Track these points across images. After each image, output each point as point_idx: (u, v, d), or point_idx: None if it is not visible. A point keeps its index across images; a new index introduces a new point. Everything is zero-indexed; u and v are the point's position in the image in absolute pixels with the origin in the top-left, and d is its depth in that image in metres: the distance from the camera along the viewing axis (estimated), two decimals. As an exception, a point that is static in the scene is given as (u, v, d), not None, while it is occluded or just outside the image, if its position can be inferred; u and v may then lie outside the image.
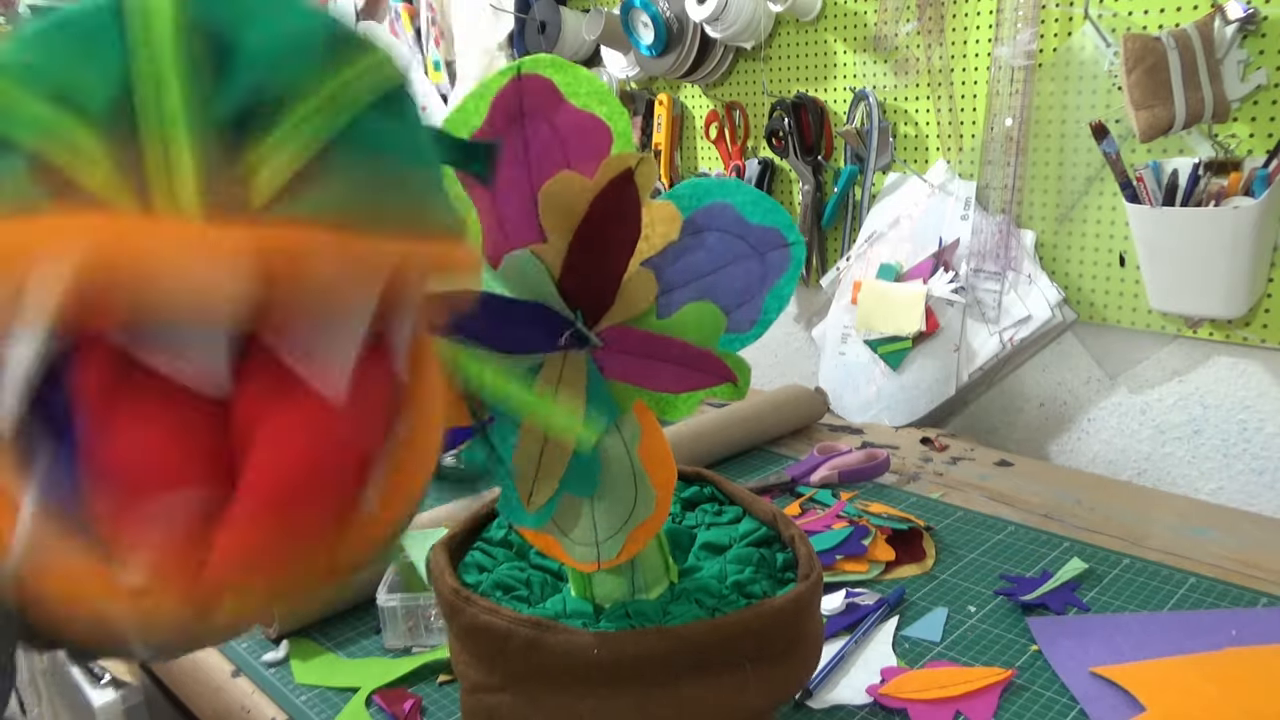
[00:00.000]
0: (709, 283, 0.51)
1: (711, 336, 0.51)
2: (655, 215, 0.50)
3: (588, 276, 0.50)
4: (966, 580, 0.85)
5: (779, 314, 0.52)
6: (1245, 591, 0.80)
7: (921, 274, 1.24)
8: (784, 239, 0.51)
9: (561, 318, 0.50)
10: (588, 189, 0.48)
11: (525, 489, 0.51)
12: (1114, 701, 0.67)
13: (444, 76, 1.89)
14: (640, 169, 0.47)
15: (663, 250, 0.50)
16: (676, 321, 0.51)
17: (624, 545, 0.52)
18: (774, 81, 1.39)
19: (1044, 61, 1.11)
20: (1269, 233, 0.95)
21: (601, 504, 0.52)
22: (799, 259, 0.51)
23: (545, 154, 0.48)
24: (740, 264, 0.51)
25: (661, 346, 0.51)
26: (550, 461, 0.51)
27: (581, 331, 0.50)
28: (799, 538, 0.59)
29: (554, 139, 0.48)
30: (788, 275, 0.51)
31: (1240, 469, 1.06)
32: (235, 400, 0.23)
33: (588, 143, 0.48)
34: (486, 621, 0.52)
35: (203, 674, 0.79)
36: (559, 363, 0.51)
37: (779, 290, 0.51)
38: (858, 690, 0.70)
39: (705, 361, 0.51)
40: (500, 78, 0.47)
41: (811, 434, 1.25)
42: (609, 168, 0.47)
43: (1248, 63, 0.94)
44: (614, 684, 0.51)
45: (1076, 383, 1.18)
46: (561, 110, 0.48)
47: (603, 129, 0.48)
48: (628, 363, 0.51)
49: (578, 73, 0.48)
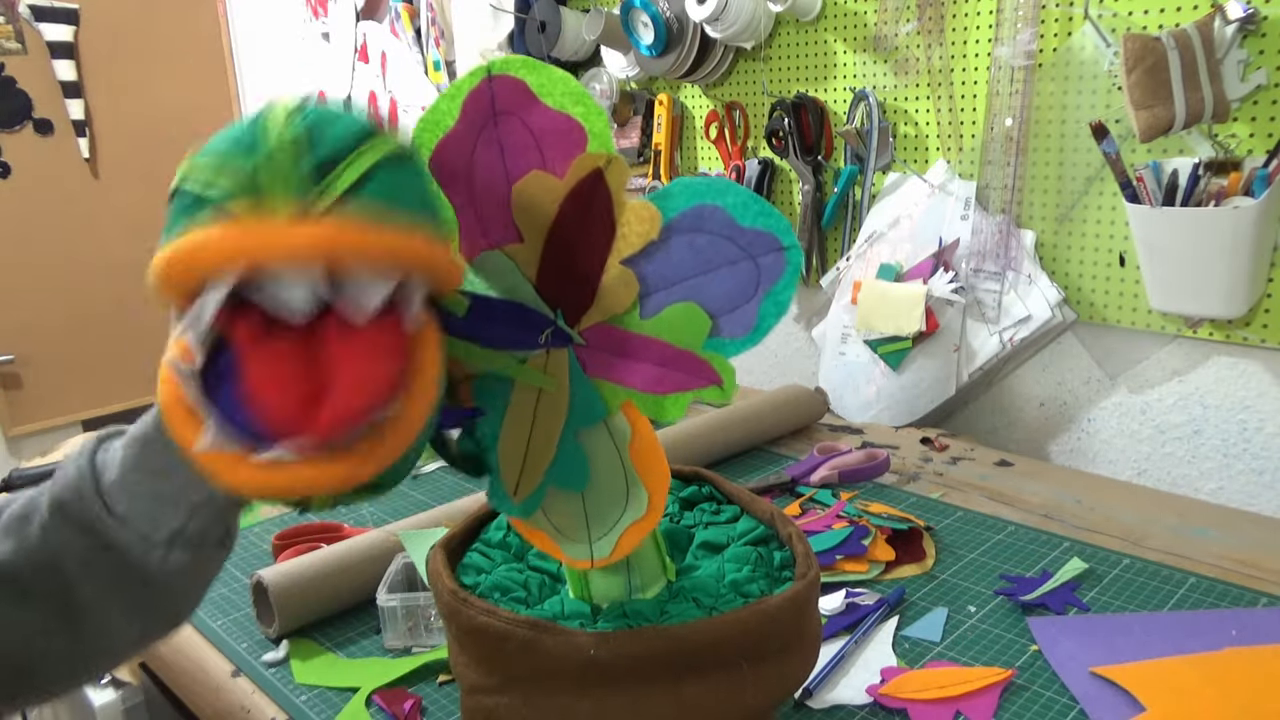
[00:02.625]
0: (696, 285, 0.50)
1: (694, 338, 0.50)
2: (633, 214, 0.49)
3: (564, 275, 0.50)
4: (966, 580, 0.85)
5: (778, 319, 0.50)
6: (1245, 591, 0.80)
7: (921, 274, 1.24)
8: (779, 243, 0.49)
9: (542, 316, 0.50)
10: (558, 188, 0.48)
11: (511, 479, 0.52)
12: (1114, 701, 0.67)
13: (444, 77, 1.89)
14: (610, 168, 0.47)
15: (645, 250, 0.50)
16: (659, 322, 0.51)
17: (616, 544, 0.52)
18: (774, 81, 1.39)
19: (1044, 61, 1.11)
20: (1269, 233, 0.95)
21: (593, 502, 0.52)
22: (796, 264, 0.49)
23: (520, 154, 0.48)
24: (731, 267, 0.50)
25: (642, 347, 0.51)
26: (536, 452, 0.51)
27: (562, 329, 0.50)
28: (796, 536, 0.59)
29: (529, 139, 0.48)
30: (784, 280, 0.50)
31: (1240, 469, 1.06)
32: (320, 341, 0.39)
33: (563, 143, 0.48)
34: (484, 623, 0.52)
35: (203, 674, 0.79)
36: (542, 360, 0.51)
37: (775, 295, 0.50)
38: (858, 690, 0.70)
39: (687, 362, 0.51)
40: (471, 79, 0.47)
41: (811, 434, 1.25)
42: (579, 167, 0.47)
43: (1248, 63, 0.94)
44: (612, 684, 0.51)
45: (1076, 383, 1.18)
46: (535, 111, 0.48)
47: (578, 129, 0.48)
48: (609, 362, 0.51)
49: (551, 73, 0.47)
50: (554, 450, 0.51)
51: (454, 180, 0.48)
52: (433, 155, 0.48)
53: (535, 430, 0.51)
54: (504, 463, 0.52)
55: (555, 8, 1.56)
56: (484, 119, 0.48)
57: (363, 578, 0.83)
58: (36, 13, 2.19)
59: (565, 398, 0.51)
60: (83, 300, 2.33)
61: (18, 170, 2.22)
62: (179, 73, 2.45)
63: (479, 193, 0.49)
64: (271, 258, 0.37)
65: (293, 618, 0.80)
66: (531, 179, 0.48)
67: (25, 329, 2.27)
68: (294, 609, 0.80)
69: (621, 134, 1.59)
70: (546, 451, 0.51)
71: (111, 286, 2.36)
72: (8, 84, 2.19)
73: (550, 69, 0.48)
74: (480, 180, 0.48)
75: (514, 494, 0.52)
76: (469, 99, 0.47)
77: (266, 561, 0.93)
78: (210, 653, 0.80)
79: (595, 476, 0.52)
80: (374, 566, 0.83)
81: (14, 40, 2.18)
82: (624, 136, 1.59)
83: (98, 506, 0.49)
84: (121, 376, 2.40)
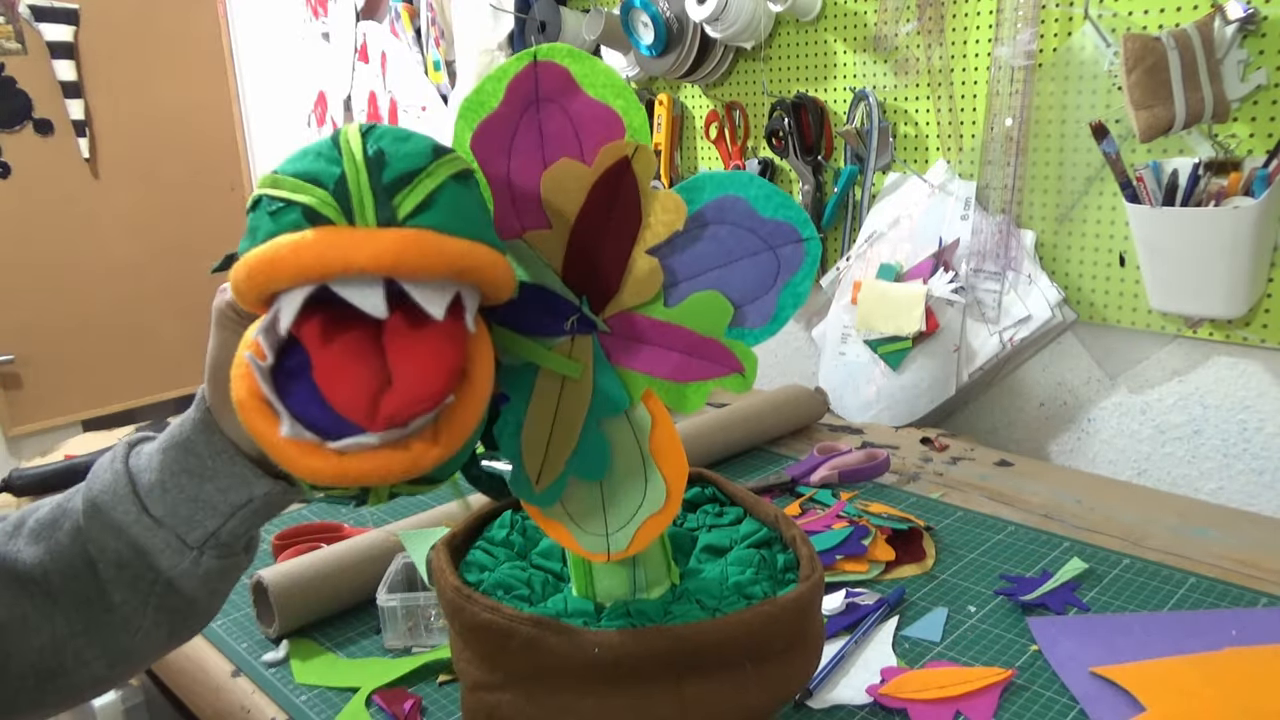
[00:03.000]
0: (719, 275, 0.51)
1: (717, 325, 0.51)
2: (660, 204, 0.50)
3: (590, 262, 0.50)
4: (966, 580, 0.85)
5: (795, 310, 0.51)
6: (1245, 591, 0.80)
7: (921, 274, 1.24)
8: (798, 234, 0.51)
9: (567, 302, 0.50)
10: (586, 176, 0.49)
11: (534, 468, 0.52)
12: (1114, 701, 0.67)
13: (444, 76, 1.89)
14: (637, 157, 0.48)
15: (671, 241, 0.51)
16: (683, 310, 0.51)
17: (634, 537, 0.52)
18: (774, 81, 1.39)
19: (1044, 61, 1.11)
20: (1269, 233, 0.95)
21: (612, 494, 0.52)
22: (815, 254, 0.51)
23: (559, 140, 0.49)
24: (752, 258, 0.51)
25: (667, 334, 0.51)
26: (559, 442, 0.51)
27: (587, 316, 0.51)
28: (800, 539, 0.59)
29: (568, 126, 0.49)
30: (803, 271, 0.51)
31: (1240, 469, 1.06)
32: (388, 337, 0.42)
33: (601, 133, 0.48)
34: (488, 620, 0.52)
35: (203, 674, 0.79)
36: (567, 347, 0.51)
37: (794, 286, 0.51)
38: (858, 690, 0.70)
39: (711, 350, 0.51)
40: (517, 62, 0.48)
41: (811, 434, 1.25)
42: (606, 156, 0.48)
43: (1248, 63, 0.95)
44: (614, 683, 0.51)
45: (1076, 383, 1.18)
46: (577, 99, 0.48)
47: (616, 120, 0.48)
48: (634, 349, 0.52)
49: (594, 64, 0.48)
50: (576, 439, 0.51)
51: (492, 162, 0.49)
52: (474, 135, 0.49)
53: (559, 418, 0.52)
54: (527, 450, 0.52)
55: (555, 8, 1.56)
56: (526, 103, 0.48)
57: (363, 578, 0.83)
58: (36, 13, 2.19)
59: (589, 386, 0.52)
60: (83, 300, 2.33)
61: (18, 170, 2.22)
62: (179, 73, 2.44)
63: (515, 176, 0.50)
64: (354, 264, 0.40)
65: (293, 618, 0.80)
66: (560, 166, 0.49)
67: (25, 329, 2.27)
68: (294, 609, 0.80)
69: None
70: (569, 440, 0.51)
71: (111, 286, 2.36)
72: (8, 84, 2.19)
73: (593, 60, 0.48)
74: (517, 164, 0.49)
75: (536, 482, 0.52)
76: (514, 82, 0.48)
77: (266, 561, 0.93)
78: (210, 653, 0.80)
79: (615, 467, 0.52)
80: (374, 566, 0.83)
81: (14, 40, 2.18)
82: (624, 136, 1.59)
83: (136, 509, 0.50)
84: (121, 376, 2.40)
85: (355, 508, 0.53)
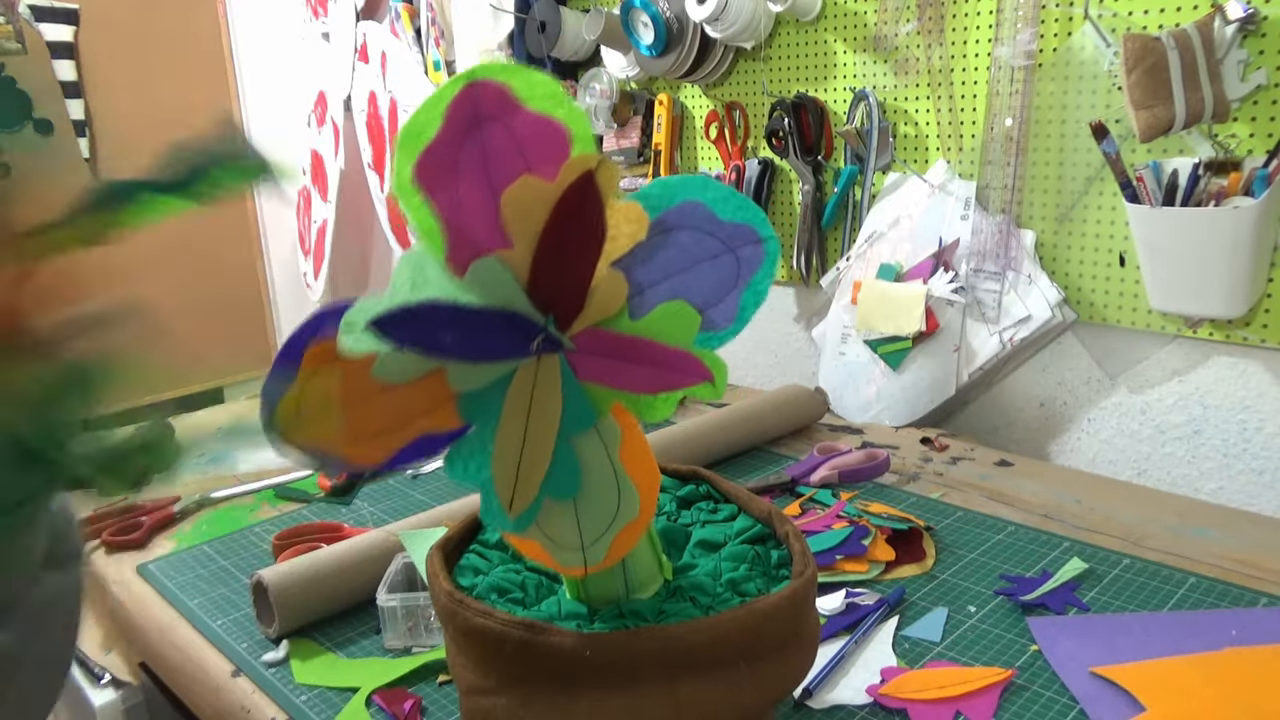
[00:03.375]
0: (681, 281, 0.51)
1: (686, 335, 0.51)
2: (621, 216, 0.49)
3: (556, 280, 0.49)
4: (966, 580, 0.85)
5: (757, 309, 0.52)
6: (1245, 591, 0.80)
7: (921, 274, 1.24)
8: (757, 235, 0.51)
9: (532, 323, 0.49)
10: (549, 192, 0.47)
11: (506, 494, 0.51)
12: (1114, 701, 0.67)
13: (444, 77, 1.89)
14: (601, 170, 0.47)
15: (632, 250, 0.50)
16: (650, 322, 0.51)
17: (610, 548, 0.52)
18: (774, 81, 1.39)
19: (1044, 61, 1.11)
20: (1269, 233, 0.95)
21: (585, 508, 0.52)
22: (773, 254, 0.51)
23: (504, 160, 0.47)
24: (713, 261, 0.51)
25: (635, 348, 0.51)
26: (529, 466, 0.51)
27: (553, 335, 0.50)
28: (794, 535, 0.59)
29: (511, 144, 0.47)
30: (763, 271, 0.51)
31: (1240, 469, 1.05)
32: None
33: (546, 147, 0.47)
34: (481, 624, 0.52)
35: (203, 674, 0.79)
36: (533, 368, 0.50)
37: (755, 286, 0.51)
38: (858, 690, 0.70)
39: (680, 361, 0.51)
40: (452, 86, 0.46)
41: (811, 434, 1.25)
42: (569, 170, 0.47)
43: (1248, 63, 0.94)
44: (608, 685, 0.51)
45: (1076, 383, 1.18)
46: (518, 115, 0.47)
47: (560, 132, 0.47)
48: (602, 365, 0.51)
49: (531, 76, 0.47)
50: (549, 460, 0.51)
51: (438, 191, 0.47)
52: (415, 166, 0.47)
53: (528, 441, 0.51)
54: (498, 477, 0.51)
55: (555, 8, 1.56)
56: (468, 126, 0.47)
57: (363, 578, 0.83)
58: (36, 13, 2.19)
59: (558, 405, 0.51)
60: (82, 300, 2.33)
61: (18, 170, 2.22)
62: (179, 73, 2.44)
63: (464, 201, 0.48)
64: None
65: (293, 618, 0.80)
66: (522, 183, 0.47)
67: (25, 329, 2.27)
68: (294, 609, 0.80)
69: (621, 134, 1.59)
70: (541, 462, 0.51)
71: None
72: (8, 84, 2.19)
73: (530, 72, 0.47)
74: (465, 189, 0.48)
75: (509, 509, 0.51)
76: (452, 106, 0.46)
77: (266, 561, 0.93)
78: (210, 653, 0.81)
79: (587, 482, 0.52)
80: (374, 566, 0.83)
81: (14, 40, 2.18)
82: (624, 137, 1.59)
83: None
84: (122, 377, 2.40)
85: None
